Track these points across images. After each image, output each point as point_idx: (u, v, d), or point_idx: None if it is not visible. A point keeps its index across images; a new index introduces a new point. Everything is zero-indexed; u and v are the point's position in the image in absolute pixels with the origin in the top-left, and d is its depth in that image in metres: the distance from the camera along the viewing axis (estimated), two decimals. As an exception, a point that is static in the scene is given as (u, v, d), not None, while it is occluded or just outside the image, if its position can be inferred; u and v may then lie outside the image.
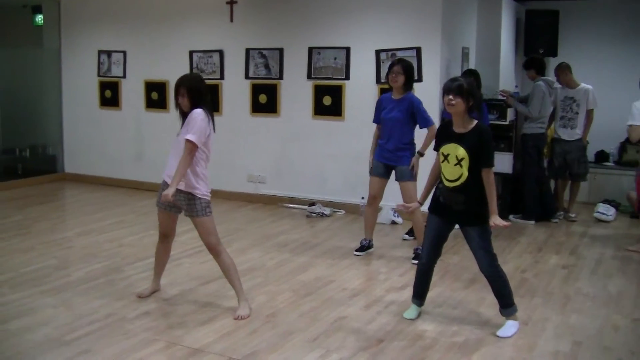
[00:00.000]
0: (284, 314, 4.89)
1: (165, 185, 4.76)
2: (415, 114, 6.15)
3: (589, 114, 8.16)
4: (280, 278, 5.75)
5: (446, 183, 4.53)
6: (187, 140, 4.57)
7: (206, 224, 4.79)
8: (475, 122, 4.48)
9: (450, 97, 4.39)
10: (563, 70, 8.21)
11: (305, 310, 4.96)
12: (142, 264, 6.04)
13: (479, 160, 4.40)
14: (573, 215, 8.29)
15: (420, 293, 4.88)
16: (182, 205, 4.81)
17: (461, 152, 4.40)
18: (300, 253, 6.55)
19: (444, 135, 4.58)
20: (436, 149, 4.64)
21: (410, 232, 7.06)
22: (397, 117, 6.14)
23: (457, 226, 4.70)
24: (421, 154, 6.23)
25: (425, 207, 4.84)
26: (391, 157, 6.23)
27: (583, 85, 8.17)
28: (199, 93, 4.72)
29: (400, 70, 6.09)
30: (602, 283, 5.80)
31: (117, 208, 8.57)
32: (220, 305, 5.04)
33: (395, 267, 6.11)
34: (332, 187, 8.46)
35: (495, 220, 4.43)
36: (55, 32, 10.53)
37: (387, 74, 6.21)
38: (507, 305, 4.63)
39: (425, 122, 6.18)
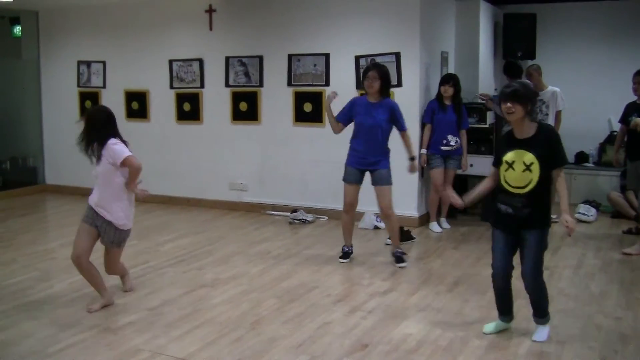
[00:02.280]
0: (269, 320, 4.89)
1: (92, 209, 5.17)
2: (395, 119, 6.19)
3: (557, 115, 8.28)
4: (264, 285, 5.75)
5: (512, 190, 4.31)
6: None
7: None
8: (536, 124, 4.32)
9: (509, 104, 4.20)
10: (535, 72, 8.31)
11: (289, 317, 4.96)
12: (125, 274, 6.01)
13: (550, 162, 4.24)
14: (554, 216, 8.32)
15: (503, 310, 4.64)
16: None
17: (529, 157, 4.23)
18: (284, 260, 6.55)
19: (507, 143, 4.39)
20: (497, 161, 4.43)
21: (393, 237, 7.08)
22: (378, 123, 6.15)
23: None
24: (413, 158, 6.29)
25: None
26: (371, 162, 6.24)
27: (551, 87, 8.28)
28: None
29: (376, 75, 6.12)
30: (585, 283, 5.85)
31: (99, 219, 8.51)
32: (204, 313, 5.03)
33: (378, 272, 6.11)
34: (314, 193, 8.47)
35: (567, 217, 4.23)
36: (34, 43, 10.49)
37: (363, 80, 6.23)
38: (542, 315, 4.55)
39: (403, 127, 6.28)
